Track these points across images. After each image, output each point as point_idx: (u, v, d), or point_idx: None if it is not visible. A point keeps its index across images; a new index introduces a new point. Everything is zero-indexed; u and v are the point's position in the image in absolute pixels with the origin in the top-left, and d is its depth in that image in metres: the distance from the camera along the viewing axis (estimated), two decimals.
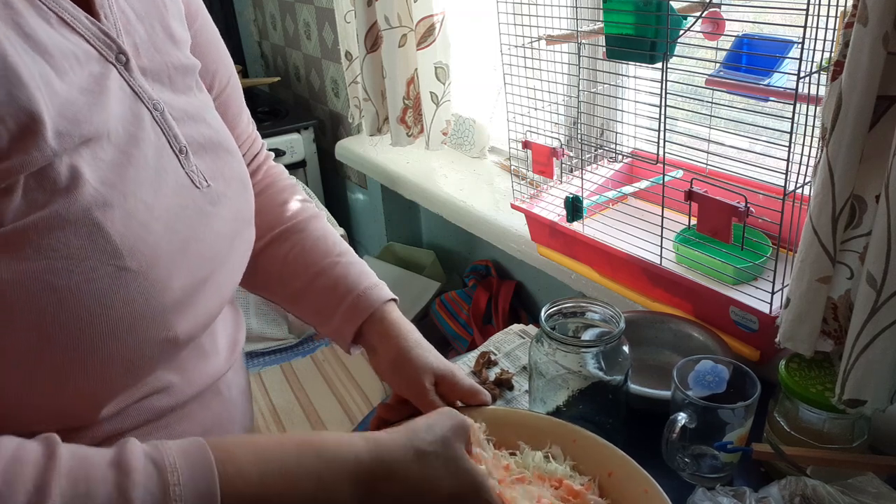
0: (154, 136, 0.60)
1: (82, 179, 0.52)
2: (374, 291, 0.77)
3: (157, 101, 0.61)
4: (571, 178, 1.18)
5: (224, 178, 0.67)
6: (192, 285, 0.60)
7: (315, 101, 2.39)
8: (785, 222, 0.82)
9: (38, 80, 0.50)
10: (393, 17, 1.42)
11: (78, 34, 0.56)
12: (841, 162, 0.65)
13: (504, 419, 0.73)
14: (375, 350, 0.75)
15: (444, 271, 1.88)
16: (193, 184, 0.63)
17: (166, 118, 0.62)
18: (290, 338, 1.74)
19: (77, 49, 0.56)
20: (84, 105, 0.54)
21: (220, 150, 0.68)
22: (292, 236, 0.81)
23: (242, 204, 0.70)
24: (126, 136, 0.57)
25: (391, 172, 1.69)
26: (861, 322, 0.65)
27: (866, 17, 0.60)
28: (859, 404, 0.68)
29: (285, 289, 0.80)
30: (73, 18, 0.56)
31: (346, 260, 0.79)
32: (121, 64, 0.59)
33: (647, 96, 1.13)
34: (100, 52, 0.58)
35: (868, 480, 0.67)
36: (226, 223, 0.66)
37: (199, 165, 0.64)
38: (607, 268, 1.08)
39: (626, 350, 0.77)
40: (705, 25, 0.86)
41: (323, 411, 1.49)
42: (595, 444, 0.69)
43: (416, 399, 0.72)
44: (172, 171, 0.61)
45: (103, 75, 0.57)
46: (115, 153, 0.55)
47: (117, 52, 0.59)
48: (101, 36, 0.58)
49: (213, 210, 0.64)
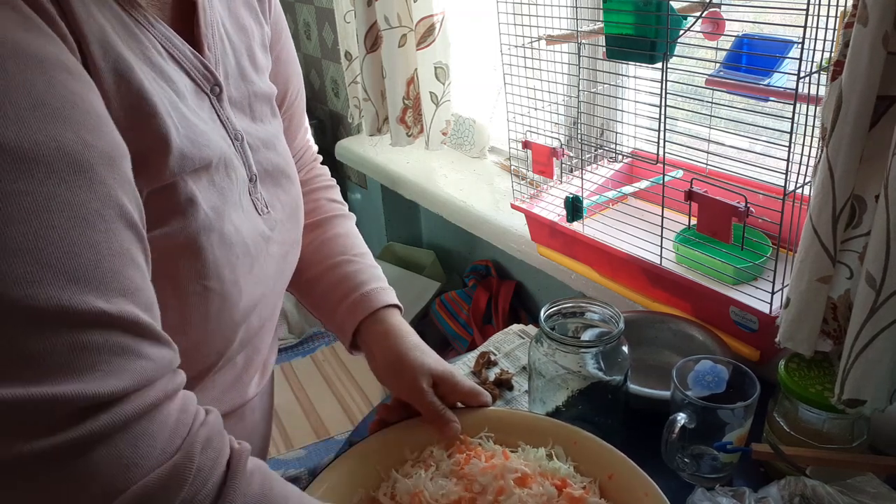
0: (237, 163, 0.62)
1: (197, 203, 0.55)
2: (378, 293, 0.78)
3: (238, 131, 0.63)
4: (571, 178, 1.18)
5: (281, 204, 0.69)
6: (250, 305, 0.63)
7: (315, 101, 2.39)
8: (785, 222, 0.82)
9: (168, 105, 0.53)
10: (393, 17, 1.42)
11: (182, 69, 0.57)
12: (841, 162, 0.65)
13: (504, 420, 0.73)
14: (372, 351, 0.75)
15: (444, 271, 1.88)
16: (256, 210, 0.65)
17: (244, 147, 0.64)
18: (290, 338, 1.74)
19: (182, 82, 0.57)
20: (202, 130, 0.56)
21: (282, 178, 0.70)
22: (316, 229, 0.83)
23: (293, 227, 0.72)
24: (225, 162, 0.59)
25: (391, 172, 1.69)
26: (860, 322, 0.65)
27: (866, 17, 0.60)
28: (859, 404, 0.68)
29: (299, 277, 0.80)
30: (180, 54, 0.57)
31: (360, 260, 0.81)
32: (214, 95, 0.61)
33: (647, 96, 1.13)
34: (198, 84, 0.59)
35: (867, 480, 0.67)
36: (277, 247, 0.68)
37: (263, 192, 0.66)
38: (607, 268, 1.08)
39: (625, 350, 0.77)
40: (705, 25, 0.86)
41: (323, 411, 1.49)
42: (596, 446, 0.69)
43: (414, 401, 0.72)
44: (245, 197, 0.63)
45: (202, 106, 0.59)
46: (219, 179, 0.58)
47: (213, 84, 0.61)
48: (202, 69, 0.59)
49: (271, 235, 0.66)
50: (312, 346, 1.72)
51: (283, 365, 1.65)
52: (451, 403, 0.73)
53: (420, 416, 0.72)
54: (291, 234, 0.72)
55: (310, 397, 1.53)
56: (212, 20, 0.62)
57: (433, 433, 0.71)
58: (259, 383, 0.75)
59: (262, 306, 0.67)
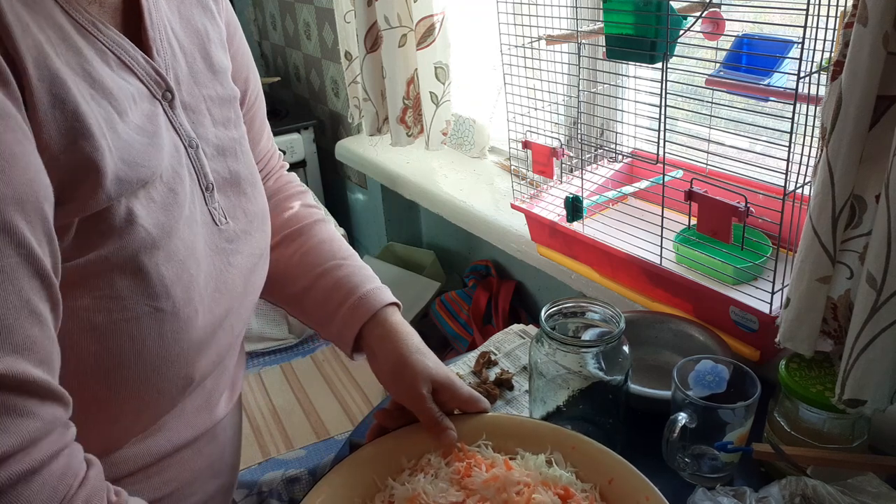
0: (188, 173, 0.59)
1: (135, 223, 0.52)
2: (375, 294, 0.76)
3: (192, 138, 0.61)
4: (571, 178, 1.18)
5: (245, 215, 0.67)
6: (212, 324, 0.60)
7: (315, 101, 2.39)
8: (785, 222, 0.82)
9: (104, 125, 0.50)
10: (393, 17, 1.42)
11: (135, 75, 0.56)
12: (841, 162, 0.65)
13: (503, 426, 0.72)
14: (375, 354, 0.74)
15: (444, 271, 1.88)
16: (213, 221, 0.62)
17: (199, 155, 0.61)
18: (290, 338, 1.74)
19: (133, 89, 0.55)
20: (142, 147, 0.54)
21: (246, 185, 0.68)
22: (297, 239, 0.80)
23: (260, 239, 0.69)
24: (172, 174, 0.57)
25: (391, 172, 1.69)
26: (861, 322, 0.65)
27: (866, 17, 0.60)
28: (859, 404, 0.68)
29: (288, 290, 0.79)
30: (131, 60, 0.56)
31: (349, 263, 0.79)
32: (166, 101, 0.59)
33: (647, 96, 1.13)
34: (150, 90, 0.57)
35: (868, 480, 0.67)
36: (243, 259, 0.65)
37: (221, 202, 0.64)
38: (607, 268, 1.08)
39: (626, 350, 0.77)
40: (705, 25, 0.86)
41: (323, 411, 1.49)
42: (595, 451, 0.68)
43: (413, 406, 0.71)
44: (199, 208, 0.61)
45: (154, 113, 0.57)
46: (164, 192, 0.55)
47: (164, 90, 0.59)
48: (153, 74, 0.57)
49: (231, 247, 0.64)
50: (312, 347, 1.72)
51: (283, 365, 1.65)
52: (449, 410, 0.72)
53: (417, 423, 0.72)
54: (259, 244, 0.69)
55: (310, 397, 1.53)
56: (158, 23, 0.60)
57: (430, 440, 0.71)
58: (230, 400, 0.73)
59: (230, 323, 0.64)
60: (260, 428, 1.45)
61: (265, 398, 1.54)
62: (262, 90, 0.81)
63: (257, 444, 1.40)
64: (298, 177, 0.90)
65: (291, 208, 0.83)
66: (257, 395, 1.55)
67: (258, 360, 1.69)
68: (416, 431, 0.72)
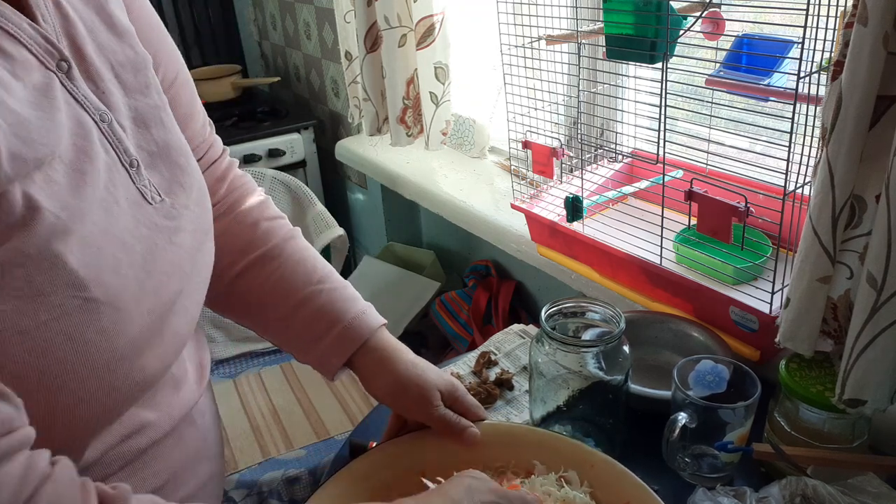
0: (102, 150, 0.54)
1: (38, 208, 0.47)
2: (362, 321, 0.73)
3: (103, 112, 0.55)
4: (571, 178, 1.18)
5: (183, 189, 0.61)
6: (160, 309, 0.56)
7: (315, 101, 2.39)
8: (785, 222, 0.82)
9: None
10: (393, 17, 1.42)
11: (21, 44, 0.50)
12: (841, 162, 0.65)
13: (522, 438, 0.72)
14: (373, 376, 0.72)
15: (444, 271, 1.88)
16: (145, 199, 0.57)
17: (114, 129, 0.56)
18: None
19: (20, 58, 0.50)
20: (36, 122, 0.48)
21: (177, 155, 0.62)
22: (270, 262, 0.75)
23: (202, 214, 0.65)
24: (76, 152, 0.51)
25: (391, 172, 1.69)
26: (861, 322, 0.65)
27: (866, 17, 0.60)
28: (859, 404, 0.68)
29: (263, 318, 0.75)
30: (15, 28, 0.50)
31: (329, 286, 0.74)
32: (62, 72, 0.53)
33: (647, 96, 1.13)
34: (41, 60, 0.52)
35: (868, 480, 0.67)
36: (187, 236, 0.60)
37: (152, 178, 0.59)
38: (607, 268, 1.08)
39: (626, 350, 0.77)
40: (705, 25, 0.86)
41: (323, 411, 1.48)
42: (614, 471, 0.67)
43: (423, 417, 0.70)
44: (123, 187, 0.55)
45: (48, 86, 0.51)
46: (68, 173, 0.50)
47: (59, 59, 0.53)
48: (42, 42, 0.52)
49: (171, 225, 0.59)
50: None
51: (283, 365, 1.65)
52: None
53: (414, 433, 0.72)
54: (203, 221, 0.64)
55: (310, 397, 1.53)
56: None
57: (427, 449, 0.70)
58: (199, 383, 0.69)
59: (183, 306, 0.59)
60: (260, 428, 1.45)
61: (265, 398, 1.54)
62: (185, 69, 0.72)
63: (257, 444, 1.40)
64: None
65: (255, 223, 0.76)
66: (257, 395, 1.55)
67: (258, 360, 1.69)
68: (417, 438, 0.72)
